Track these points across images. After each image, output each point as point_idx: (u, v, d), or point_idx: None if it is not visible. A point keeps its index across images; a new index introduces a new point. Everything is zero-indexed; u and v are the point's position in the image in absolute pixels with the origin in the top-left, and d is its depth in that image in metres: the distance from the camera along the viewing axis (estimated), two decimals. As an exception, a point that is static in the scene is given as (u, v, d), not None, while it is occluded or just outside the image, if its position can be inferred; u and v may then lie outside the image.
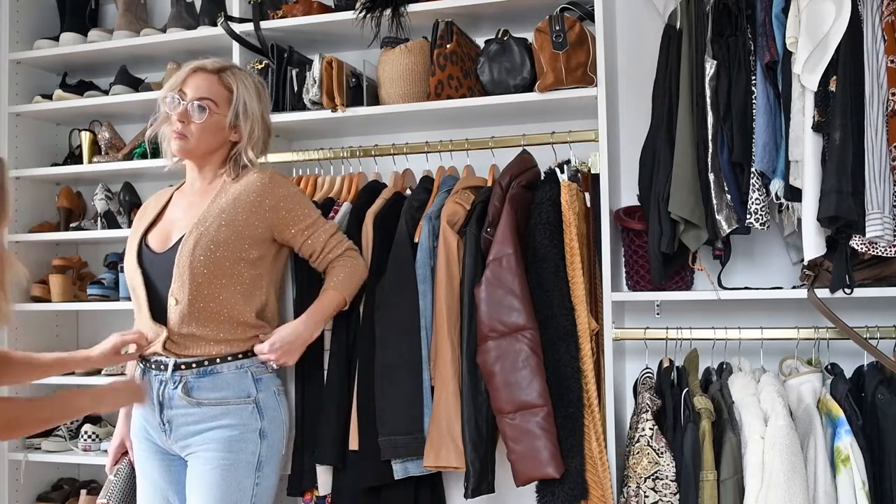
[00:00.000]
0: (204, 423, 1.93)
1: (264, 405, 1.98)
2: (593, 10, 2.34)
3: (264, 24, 2.64)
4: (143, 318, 1.98)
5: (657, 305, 2.40)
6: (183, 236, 1.97)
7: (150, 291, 1.97)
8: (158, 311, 1.96)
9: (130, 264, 2.02)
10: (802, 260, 2.12)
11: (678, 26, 2.25)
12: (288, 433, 2.08)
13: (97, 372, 2.89)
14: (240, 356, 1.97)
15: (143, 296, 1.97)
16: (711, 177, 2.14)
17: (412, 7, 2.47)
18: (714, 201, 2.14)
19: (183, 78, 2.01)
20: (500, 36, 2.43)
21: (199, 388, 1.94)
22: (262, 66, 2.62)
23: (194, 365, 1.94)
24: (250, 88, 2.04)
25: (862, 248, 2.01)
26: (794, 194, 2.09)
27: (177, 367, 1.94)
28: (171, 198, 2.13)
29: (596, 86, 2.30)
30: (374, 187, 2.48)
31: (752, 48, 2.15)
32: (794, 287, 2.23)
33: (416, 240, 2.26)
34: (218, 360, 1.95)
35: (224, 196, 2.01)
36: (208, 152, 2.04)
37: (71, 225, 3.03)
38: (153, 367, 1.97)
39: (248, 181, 2.02)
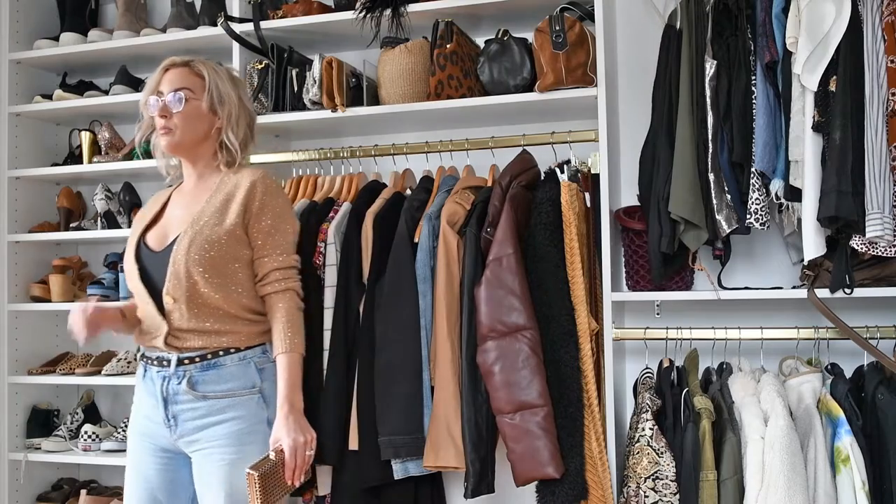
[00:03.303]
0: (211, 417, 1.93)
1: (269, 394, 1.99)
2: (593, 10, 2.34)
3: (264, 24, 2.64)
4: (145, 315, 1.99)
5: (657, 305, 2.40)
6: (179, 235, 1.98)
7: (149, 289, 1.98)
8: (159, 308, 1.96)
9: (129, 262, 2.03)
10: (802, 260, 2.12)
11: (678, 26, 2.25)
12: None
13: (97, 372, 2.90)
14: (242, 348, 1.98)
15: (143, 293, 1.98)
16: (711, 177, 2.14)
17: (412, 7, 2.47)
18: (714, 201, 2.14)
19: (157, 79, 2.05)
20: (500, 36, 2.43)
21: (203, 381, 1.94)
22: (262, 66, 2.62)
23: (197, 359, 1.95)
24: (221, 73, 2.06)
25: (862, 248, 2.01)
26: (794, 194, 2.09)
27: (180, 362, 1.95)
28: (170, 197, 2.14)
29: (596, 86, 2.30)
30: (374, 187, 2.48)
31: (752, 48, 2.15)
32: (794, 287, 2.23)
33: (416, 240, 2.26)
34: (221, 353, 1.96)
35: (219, 195, 2.02)
36: (195, 143, 2.04)
37: (71, 225, 3.03)
38: (155, 363, 1.98)
39: (241, 180, 2.03)
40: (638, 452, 2.08)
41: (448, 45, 2.41)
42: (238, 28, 2.66)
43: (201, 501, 1.96)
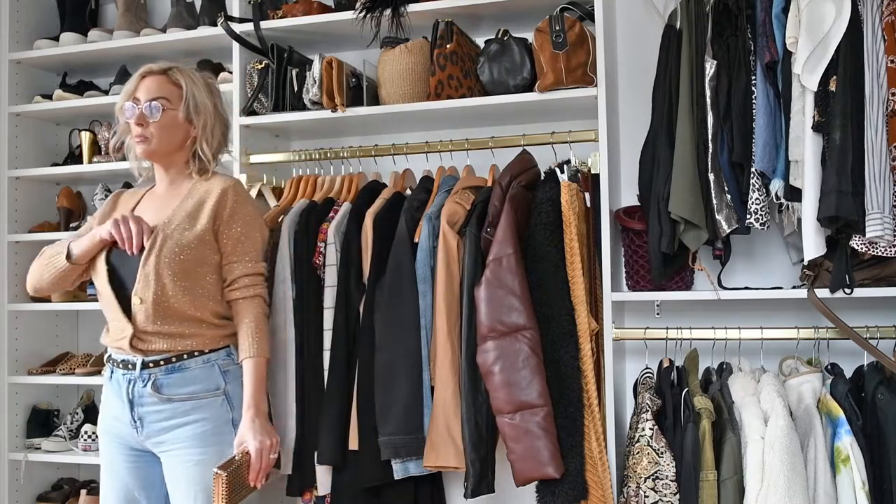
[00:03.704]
0: (175, 419, 1.96)
1: (233, 396, 2.01)
2: (593, 10, 2.34)
3: (264, 24, 2.64)
4: (111, 316, 2.01)
5: (657, 305, 2.40)
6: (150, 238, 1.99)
7: (116, 289, 1.99)
8: (125, 309, 1.98)
9: (100, 263, 2.03)
10: (802, 260, 2.12)
11: (678, 26, 2.25)
12: None
13: (97, 372, 2.90)
14: (206, 351, 2.00)
15: (110, 294, 1.99)
16: (711, 177, 2.14)
17: (412, 7, 2.47)
18: (714, 201, 2.14)
19: (135, 85, 2.06)
20: (500, 36, 2.43)
21: (168, 384, 1.96)
22: (262, 66, 2.62)
23: (162, 362, 1.97)
24: (198, 83, 2.08)
25: (862, 248, 2.01)
26: (794, 194, 2.09)
27: (145, 365, 1.96)
28: (141, 198, 2.15)
29: (596, 86, 2.30)
30: (374, 187, 2.48)
31: (752, 48, 2.15)
32: (794, 287, 2.23)
33: (416, 240, 2.26)
34: (185, 356, 1.98)
35: (191, 200, 2.05)
36: (170, 151, 2.06)
37: (71, 225, 3.03)
38: (121, 366, 2.00)
39: (213, 187, 2.05)
40: (638, 452, 2.08)
41: (448, 45, 2.41)
42: (238, 28, 2.66)
43: (172, 500, 2.00)
